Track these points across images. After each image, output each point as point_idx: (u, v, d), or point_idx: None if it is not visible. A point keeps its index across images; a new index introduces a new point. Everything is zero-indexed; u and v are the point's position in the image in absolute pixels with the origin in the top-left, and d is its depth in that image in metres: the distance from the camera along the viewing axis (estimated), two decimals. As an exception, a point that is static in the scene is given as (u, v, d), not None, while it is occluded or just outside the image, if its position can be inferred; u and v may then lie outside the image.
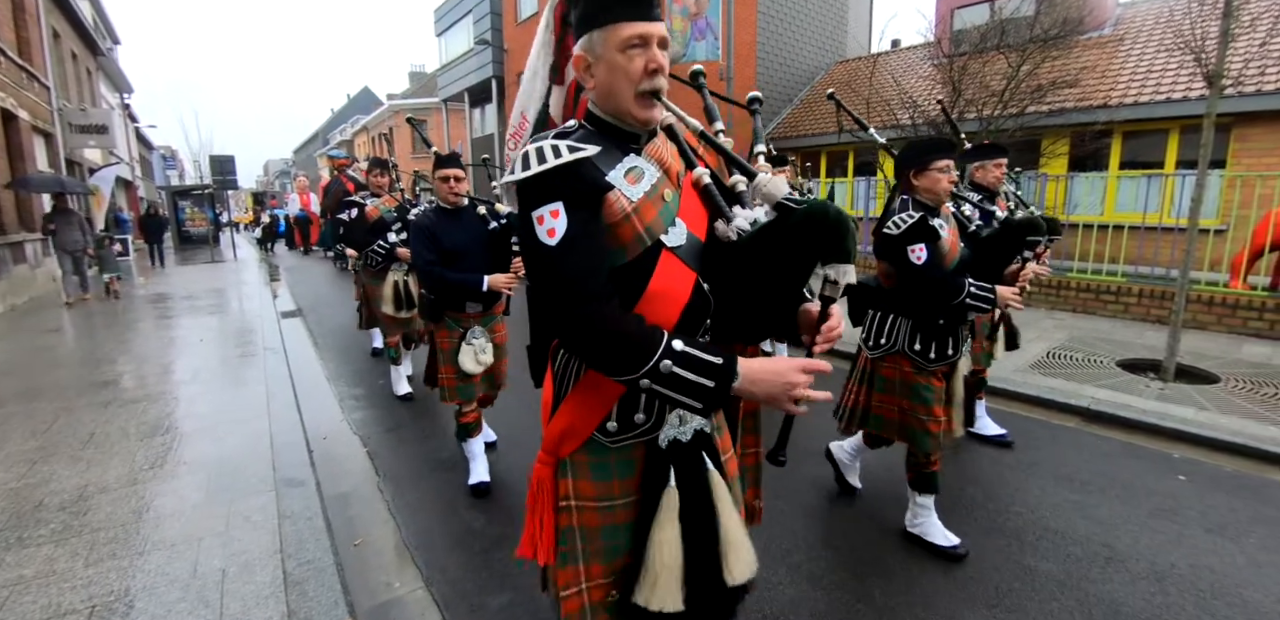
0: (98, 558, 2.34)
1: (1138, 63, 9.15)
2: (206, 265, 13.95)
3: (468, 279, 2.81)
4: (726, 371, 0.99)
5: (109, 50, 19.50)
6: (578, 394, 1.18)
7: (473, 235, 2.90)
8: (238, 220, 24.85)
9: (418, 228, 2.84)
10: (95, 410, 4.03)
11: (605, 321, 1.00)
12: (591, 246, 1.04)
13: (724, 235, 1.14)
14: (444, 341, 2.97)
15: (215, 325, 6.97)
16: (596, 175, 1.06)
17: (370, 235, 4.32)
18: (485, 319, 3.01)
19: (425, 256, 2.80)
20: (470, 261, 2.85)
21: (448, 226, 2.85)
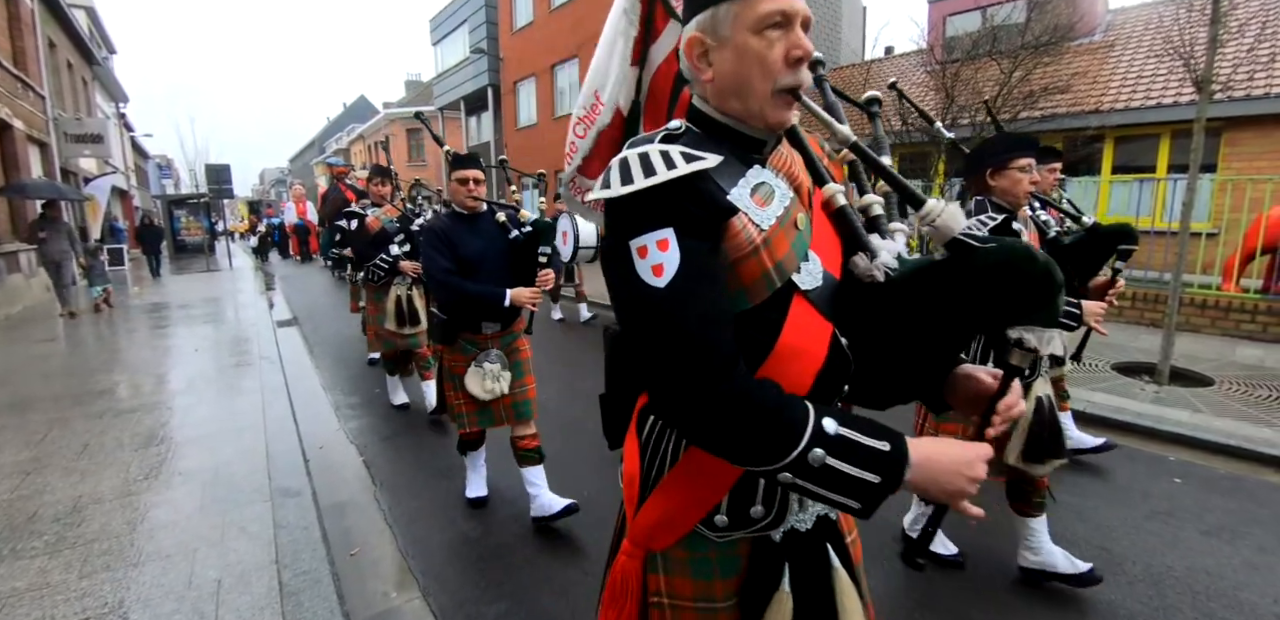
0: (92, 569, 2.33)
1: (1128, 68, 9.24)
2: (202, 274, 13.93)
3: (489, 292, 2.52)
4: (896, 461, 0.75)
5: (105, 60, 19.54)
6: (678, 478, 0.93)
7: (491, 244, 2.63)
8: (233, 229, 24.82)
9: (432, 233, 2.58)
10: (89, 421, 4.01)
11: (734, 396, 0.75)
12: (714, 289, 0.80)
13: (866, 274, 0.89)
14: (457, 365, 2.69)
15: (211, 334, 6.95)
16: (718, 194, 0.82)
17: (371, 248, 4.07)
18: (505, 338, 2.73)
19: (440, 264, 2.51)
20: (487, 273, 2.57)
21: (464, 234, 2.59)
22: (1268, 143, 7.51)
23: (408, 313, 4.09)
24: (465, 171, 2.61)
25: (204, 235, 17.11)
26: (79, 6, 17.22)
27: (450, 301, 2.58)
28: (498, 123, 19.44)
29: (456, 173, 2.61)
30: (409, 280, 4.10)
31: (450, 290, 2.51)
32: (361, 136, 34.26)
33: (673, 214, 0.78)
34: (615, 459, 3.21)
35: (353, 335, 6.93)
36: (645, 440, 0.98)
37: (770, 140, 0.91)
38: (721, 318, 0.79)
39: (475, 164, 2.65)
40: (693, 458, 0.91)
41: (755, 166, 0.88)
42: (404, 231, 4.06)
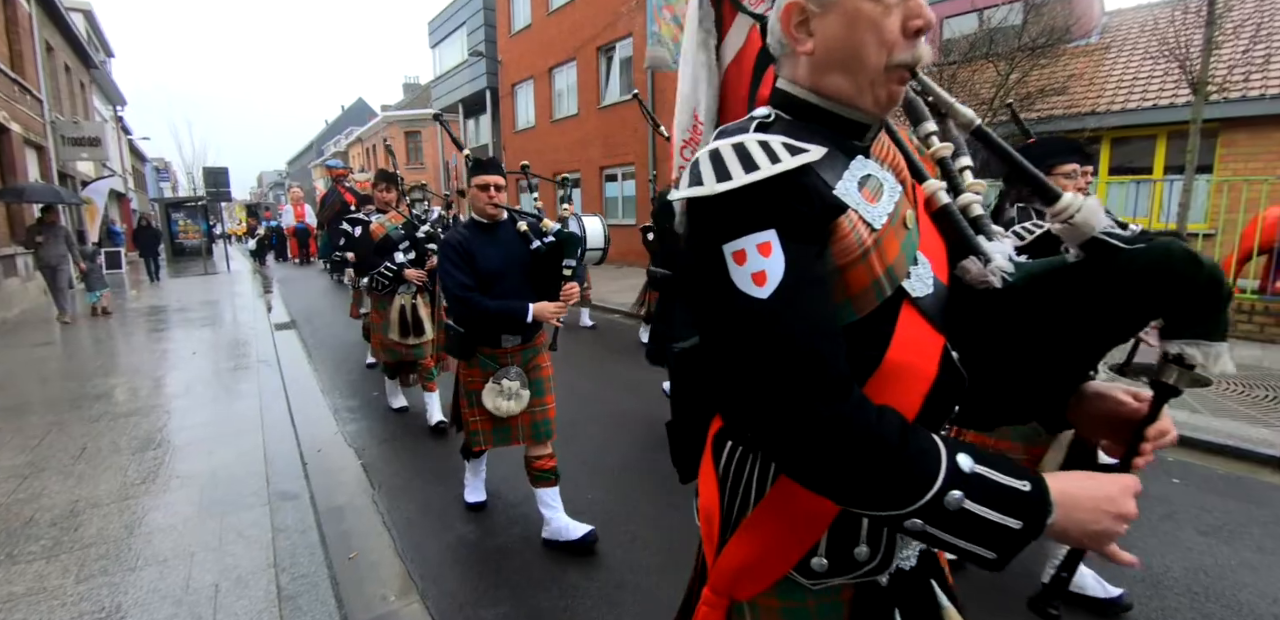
0: (89, 574, 2.32)
1: (1124, 70, 9.28)
2: (200, 277, 13.92)
3: (510, 307, 2.38)
4: (1039, 503, 0.63)
5: (102, 63, 19.55)
6: (767, 515, 0.81)
7: (511, 255, 2.49)
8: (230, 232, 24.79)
9: (449, 247, 2.41)
10: (86, 424, 4.00)
11: (853, 425, 0.64)
12: (824, 299, 0.69)
13: (979, 280, 0.79)
14: (474, 381, 2.55)
15: (209, 338, 6.94)
16: (825, 189, 0.71)
17: (375, 255, 3.94)
18: (526, 353, 2.58)
19: (458, 280, 2.36)
20: (508, 286, 2.44)
21: (483, 245, 2.43)
22: (1263, 143, 7.54)
23: (412, 322, 3.95)
24: (486, 177, 2.44)
25: (202, 238, 17.09)
26: (76, 9, 17.24)
27: (469, 319, 2.44)
28: (496, 125, 19.46)
29: (476, 178, 2.44)
30: (413, 289, 3.97)
31: (470, 308, 2.36)
32: (359, 139, 34.28)
33: (776, 213, 0.67)
34: (616, 463, 3.21)
35: (351, 339, 6.92)
36: (725, 471, 0.86)
37: (874, 126, 0.79)
38: (834, 331, 0.68)
39: (496, 169, 2.49)
40: (784, 491, 0.79)
41: (858, 157, 0.76)
42: (409, 238, 3.91)
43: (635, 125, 13.29)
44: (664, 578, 2.33)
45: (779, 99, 0.81)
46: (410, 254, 3.91)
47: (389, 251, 3.89)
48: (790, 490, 0.78)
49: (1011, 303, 0.80)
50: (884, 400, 0.70)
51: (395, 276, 3.85)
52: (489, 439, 2.60)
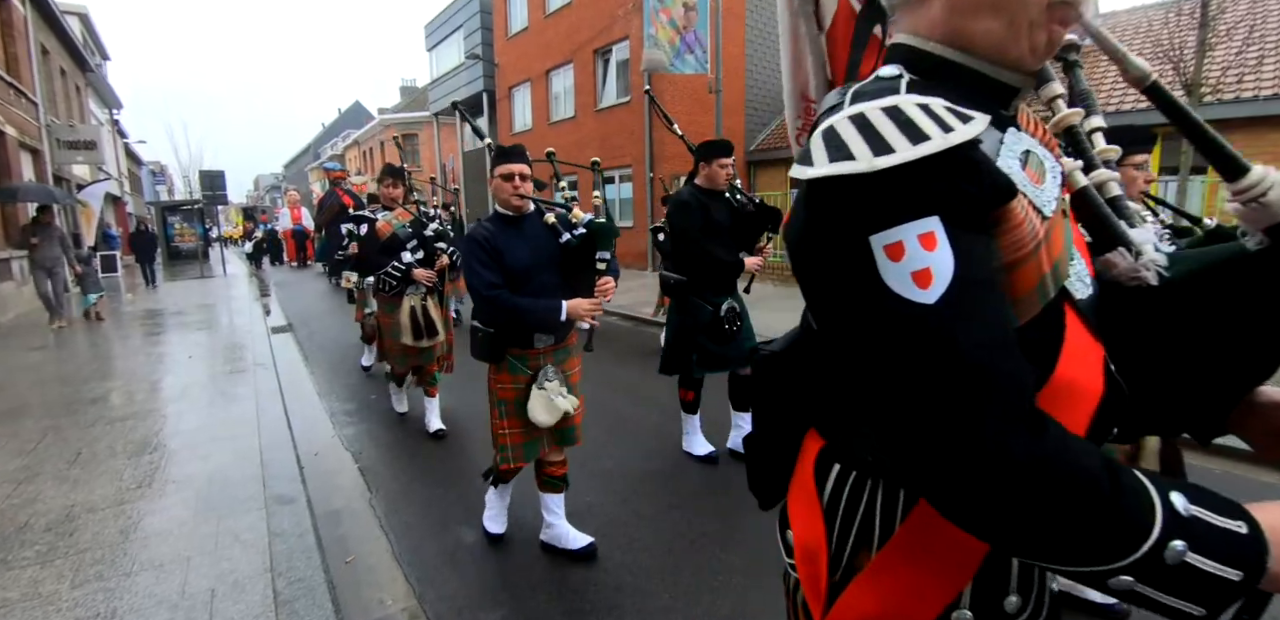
0: (84, 579, 2.30)
1: (1118, 72, 9.32)
2: (196, 281, 13.89)
3: (542, 305, 2.21)
4: (1255, 546, 0.51)
5: (98, 66, 19.53)
6: (898, 558, 0.68)
7: (540, 250, 2.30)
8: (227, 235, 24.77)
9: (474, 243, 2.24)
10: (82, 429, 3.98)
11: (1051, 460, 0.51)
12: (1001, 304, 0.57)
13: (1130, 275, 0.69)
14: (505, 389, 2.33)
15: (205, 341, 6.92)
16: (994, 168, 0.58)
17: (383, 255, 3.72)
18: (558, 354, 2.40)
19: (485, 279, 2.19)
20: (538, 283, 2.27)
21: (510, 240, 2.26)
22: (1257, 144, 7.57)
23: (424, 324, 3.76)
24: (510, 166, 2.26)
25: (198, 242, 17.06)
26: (72, 13, 17.22)
27: (498, 319, 2.26)
28: (493, 128, 19.47)
29: (500, 167, 2.27)
30: (423, 289, 3.80)
31: (499, 308, 2.18)
32: (356, 142, 34.28)
33: (942, 196, 0.54)
34: (613, 467, 3.19)
35: (348, 341, 6.92)
36: (833, 500, 0.72)
37: (1026, 89, 0.66)
38: (1014, 344, 0.54)
39: (521, 157, 2.30)
40: (921, 527, 0.66)
41: (1010, 128, 0.63)
42: (417, 237, 3.76)
43: (632, 127, 13.31)
44: (663, 581, 2.32)
45: (903, 55, 0.65)
46: (419, 253, 3.76)
47: (396, 251, 3.73)
48: (930, 526, 0.64)
49: (1168, 301, 0.69)
50: None
51: (403, 277, 3.70)
52: (520, 454, 2.33)
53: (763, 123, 14.38)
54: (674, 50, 10.80)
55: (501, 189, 2.28)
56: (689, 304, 3.20)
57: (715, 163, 3.10)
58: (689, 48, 11.08)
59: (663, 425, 3.96)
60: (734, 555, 2.47)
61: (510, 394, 2.31)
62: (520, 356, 2.33)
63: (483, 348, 2.30)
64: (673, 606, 2.17)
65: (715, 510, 2.83)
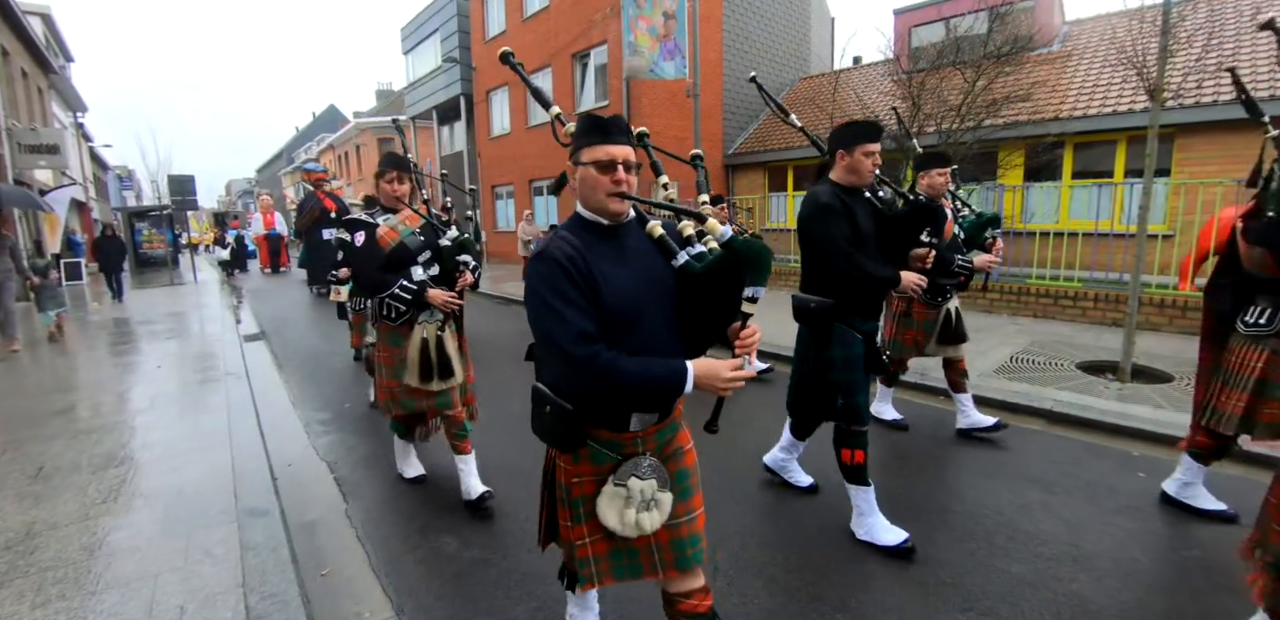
0: (45, 599, 2.22)
1: (1085, 77, 9.57)
2: (165, 288, 13.55)
3: (658, 370, 1.37)
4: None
5: (61, 68, 19.00)
6: None
7: (649, 277, 1.49)
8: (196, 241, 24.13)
9: (557, 266, 1.39)
10: (44, 442, 3.85)
11: None
12: None
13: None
14: (580, 481, 1.56)
15: (174, 351, 6.75)
16: None
17: (386, 270, 2.83)
18: (662, 434, 1.58)
19: (575, 325, 1.36)
20: (647, 330, 1.46)
21: (606, 261, 1.44)
22: (1217, 148, 7.82)
23: (437, 362, 2.89)
24: (610, 148, 1.43)
25: (167, 248, 16.66)
26: (34, 13, 16.75)
27: (592, 391, 1.45)
28: (470, 132, 19.34)
29: (590, 150, 1.44)
30: (439, 316, 2.94)
31: (596, 375, 1.36)
32: (331, 146, 33.83)
33: None
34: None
35: (323, 349, 6.80)
36: None
37: None
38: None
39: (624, 135, 1.46)
40: None
41: None
42: (430, 247, 2.92)
43: (611, 131, 13.30)
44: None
45: None
46: (433, 268, 2.92)
47: (404, 265, 2.86)
48: None
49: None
50: None
51: (415, 299, 2.83)
52: (605, 572, 1.59)
53: (740, 126, 14.49)
54: (654, 57, 10.85)
55: (594, 184, 1.44)
56: (835, 333, 2.53)
57: (859, 150, 2.43)
58: (669, 54, 11.14)
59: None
60: (716, 556, 2.46)
61: (588, 488, 1.55)
62: (610, 441, 1.53)
63: (553, 428, 1.50)
64: (654, 613, 2.15)
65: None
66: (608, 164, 1.42)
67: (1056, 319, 6.80)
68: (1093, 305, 6.62)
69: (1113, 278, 6.92)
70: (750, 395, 4.65)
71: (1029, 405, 4.09)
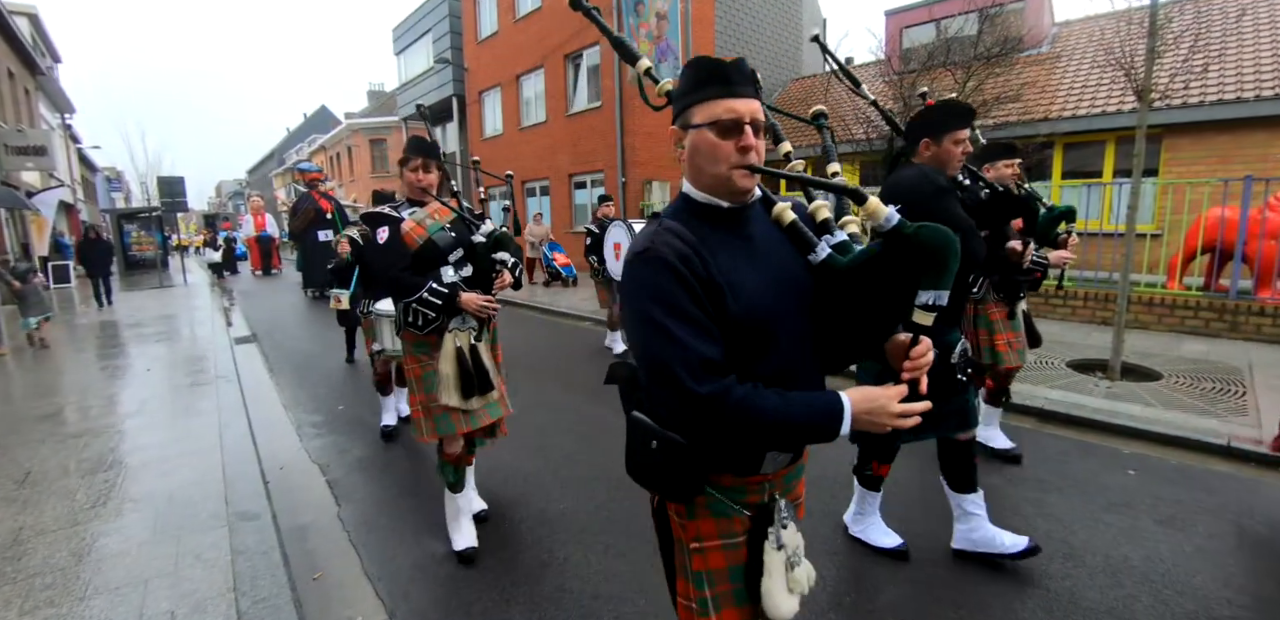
0: (34, 605, 2.20)
1: (1074, 78, 9.65)
2: (155, 290, 13.44)
3: (805, 408, 1.03)
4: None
5: (49, 69, 18.82)
6: None
7: (780, 276, 1.13)
8: (186, 243, 23.93)
9: (665, 267, 1.03)
10: (32, 447, 3.81)
11: None
12: None
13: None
14: (704, 551, 1.19)
15: (164, 353, 6.69)
16: None
17: (413, 273, 2.48)
18: (790, 477, 1.26)
19: (697, 350, 1.01)
20: (786, 348, 1.12)
21: (730, 255, 1.10)
22: (1204, 148, 7.90)
23: (475, 374, 2.49)
24: (734, 103, 1.06)
25: (157, 250, 16.53)
26: (20, 13, 16.60)
27: (722, 435, 1.06)
28: (463, 133, 19.29)
29: (703, 107, 1.08)
30: (472, 322, 2.55)
31: (727, 419, 1.01)
32: (323, 147, 33.65)
33: None
34: (586, 473, 3.14)
35: (314, 351, 6.76)
36: None
37: None
38: None
39: (748, 86, 1.09)
40: None
41: None
42: (463, 244, 2.55)
43: (604, 132, 13.31)
44: (639, 587, 2.31)
45: None
46: (466, 268, 2.57)
47: (433, 265, 2.51)
48: None
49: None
50: None
51: (446, 305, 2.46)
52: None
53: (733, 127, 14.53)
54: (651, 60, 10.85)
55: (713, 153, 1.07)
56: None
57: (949, 138, 2.15)
58: (663, 56, 11.15)
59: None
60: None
61: (720, 558, 1.18)
62: (734, 488, 1.18)
63: (663, 471, 1.13)
64: (649, 611, 2.16)
65: (691, 514, 2.82)
66: (731, 125, 1.05)
67: (1047, 318, 6.85)
68: (1082, 304, 6.67)
69: (1102, 276, 6.97)
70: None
71: (1021, 404, 4.12)
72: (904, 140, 2.32)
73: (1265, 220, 5.73)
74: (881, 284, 1.06)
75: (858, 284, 1.09)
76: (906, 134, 2.30)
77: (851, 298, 1.11)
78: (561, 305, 9.19)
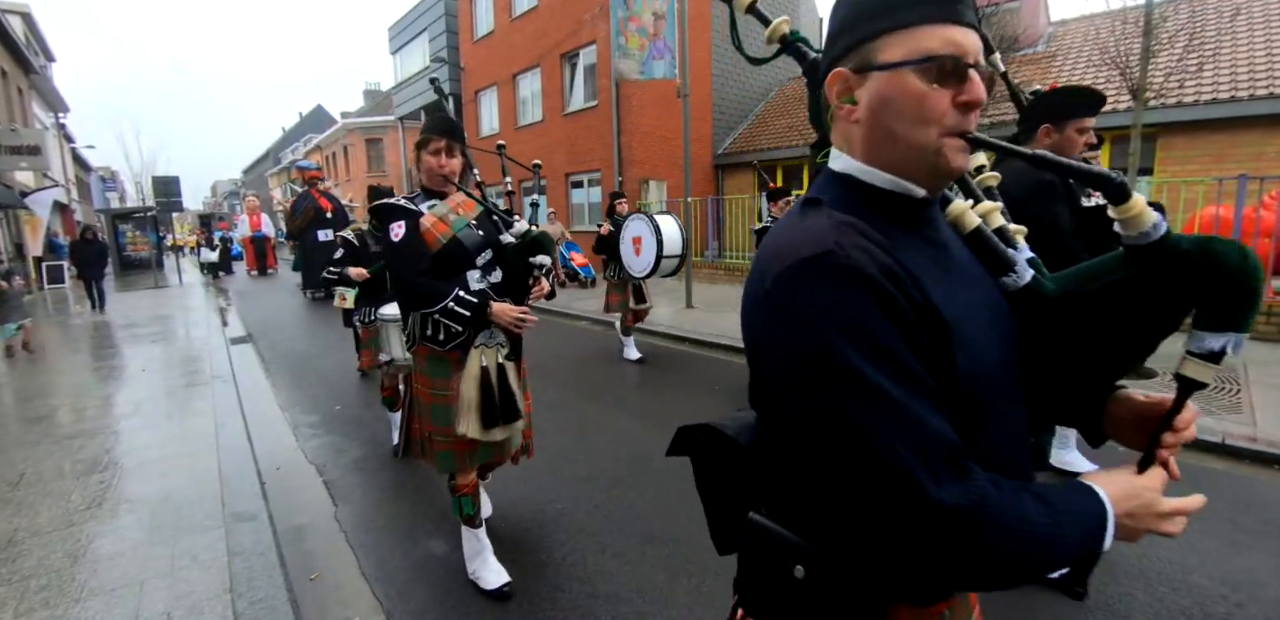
0: (29, 607, 2.18)
1: (1070, 78, 9.68)
2: (150, 291, 13.39)
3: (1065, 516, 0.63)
4: None
5: (42, 68, 18.72)
6: None
7: (989, 306, 0.76)
8: (181, 243, 23.81)
9: (858, 287, 0.61)
10: (26, 448, 3.79)
11: None
12: None
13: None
14: None
15: (159, 354, 6.67)
16: None
17: (434, 275, 2.08)
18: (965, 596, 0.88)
19: (939, 431, 0.61)
20: (999, 408, 0.73)
21: (935, 279, 0.69)
22: (1199, 146, 7.93)
23: (501, 401, 2.12)
24: (952, 31, 0.68)
25: (151, 250, 16.47)
26: (14, 12, 16.51)
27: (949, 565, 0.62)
28: (460, 132, 19.24)
29: (900, 37, 0.69)
30: (500, 337, 2.18)
31: (983, 535, 0.60)
32: (319, 147, 33.55)
33: None
34: (583, 473, 3.15)
35: (310, 351, 6.75)
36: None
37: None
38: None
39: (970, 9, 0.70)
40: None
41: None
42: (491, 245, 2.19)
43: (600, 131, 13.30)
44: (636, 586, 2.31)
45: None
46: (495, 273, 2.21)
47: (458, 269, 2.13)
48: None
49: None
50: None
51: (476, 316, 2.06)
52: None
53: (729, 126, 14.53)
54: (643, 57, 10.85)
55: (918, 109, 0.69)
56: None
57: (1072, 126, 1.98)
58: (659, 54, 11.14)
59: (632, 429, 3.94)
60: (708, 557, 2.46)
61: None
62: None
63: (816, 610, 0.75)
64: (647, 611, 2.16)
65: (687, 514, 2.82)
66: (953, 67, 0.67)
67: (1043, 317, 6.87)
68: (1079, 303, 6.69)
69: (1098, 275, 7.01)
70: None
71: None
72: (1020, 125, 2.07)
73: (1260, 219, 5.76)
74: (1118, 320, 0.76)
75: (1078, 319, 0.78)
76: (1024, 119, 2.06)
77: (1064, 338, 0.80)
78: (575, 308, 9.00)
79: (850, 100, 0.74)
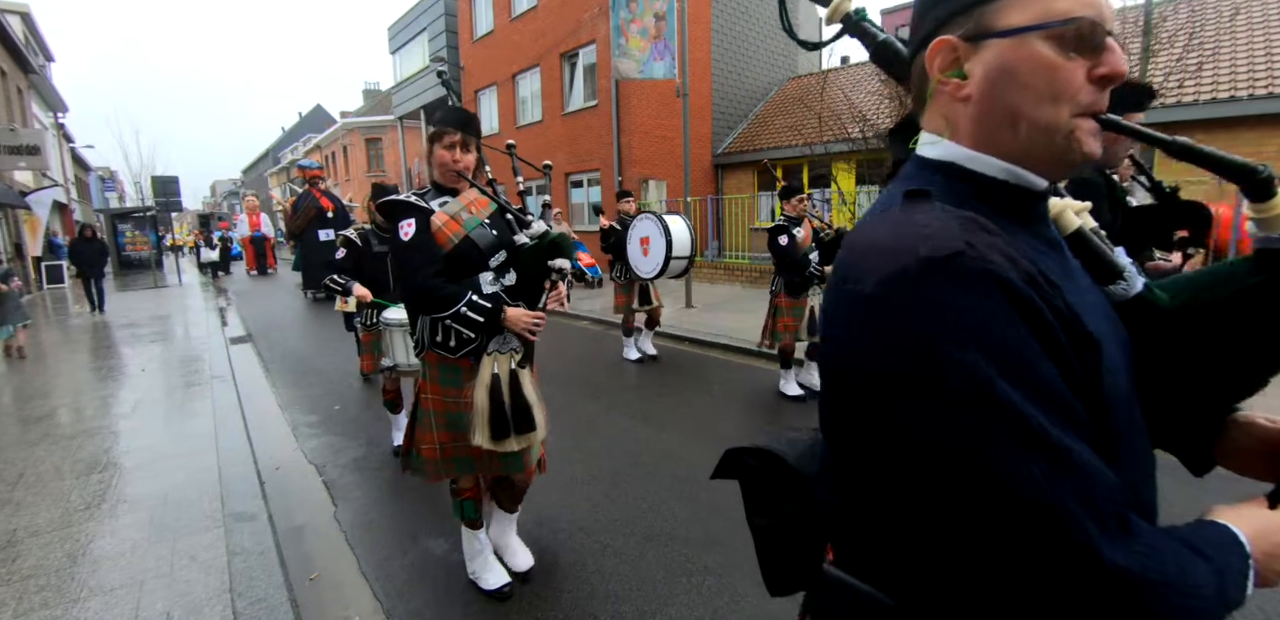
0: (28, 607, 2.18)
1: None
2: (149, 291, 13.39)
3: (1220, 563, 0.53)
4: None
5: (41, 68, 18.71)
6: None
7: (1107, 313, 0.67)
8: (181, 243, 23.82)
9: (999, 298, 0.50)
10: (25, 448, 3.79)
11: None
12: None
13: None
14: None
15: (158, 354, 6.67)
16: None
17: (447, 277, 1.97)
18: None
19: (1101, 476, 0.50)
20: (1129, 428, 0.62)
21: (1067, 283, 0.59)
22: (1197, 147, 7.92)
23: (511, 409, 2.04)
24: None
25: (151, 250, 16.47)
26: (13, 12, 16.50)
27: None
28: (459, 132, 19.23)
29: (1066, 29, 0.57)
30: (514, 343, 2.10)
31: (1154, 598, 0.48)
32: (318, 147, 33.55)
33: None
34: (581, 473, 3.15)
35: (310, 351, 6.74)
36: None
37: None
38: None
39: None
40: None
41: None
42: (505, 245, 2.08)
43: (599, 131, 13.30)
44: (636, 586, 2.31)
45: None
46: (508, 276, 2.10)
47: (471, 271, 2.03)
48: None
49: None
50: None
51: (490, 322, 1.95)
52: None
53: (729, 126, 14.53)
54: (645, 58, 10.85)
55: (1048, 84, 0.58)
56: None
57: None
58: (659, 55, 11.13)
59: (631, 428, 3.94)
60: (707, 556, 2.47)
61: None
62: None
63: None
64: (646, 610, 2.16)
65: (686, 513, 2.83)
66: (1090, 31, 0.58)
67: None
68: (1078, 303, 6.69)
69: (1097, 275, 7.01)
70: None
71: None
72: None
73: (1259, 219, 5.76)
74: (1247, 334, 0.67)
75: (1198, 333, 0.69)
76: None
77: (1181, 355, 0.70)
78: (576, 307, 8.96)
79: (958, 74, 0.61)
